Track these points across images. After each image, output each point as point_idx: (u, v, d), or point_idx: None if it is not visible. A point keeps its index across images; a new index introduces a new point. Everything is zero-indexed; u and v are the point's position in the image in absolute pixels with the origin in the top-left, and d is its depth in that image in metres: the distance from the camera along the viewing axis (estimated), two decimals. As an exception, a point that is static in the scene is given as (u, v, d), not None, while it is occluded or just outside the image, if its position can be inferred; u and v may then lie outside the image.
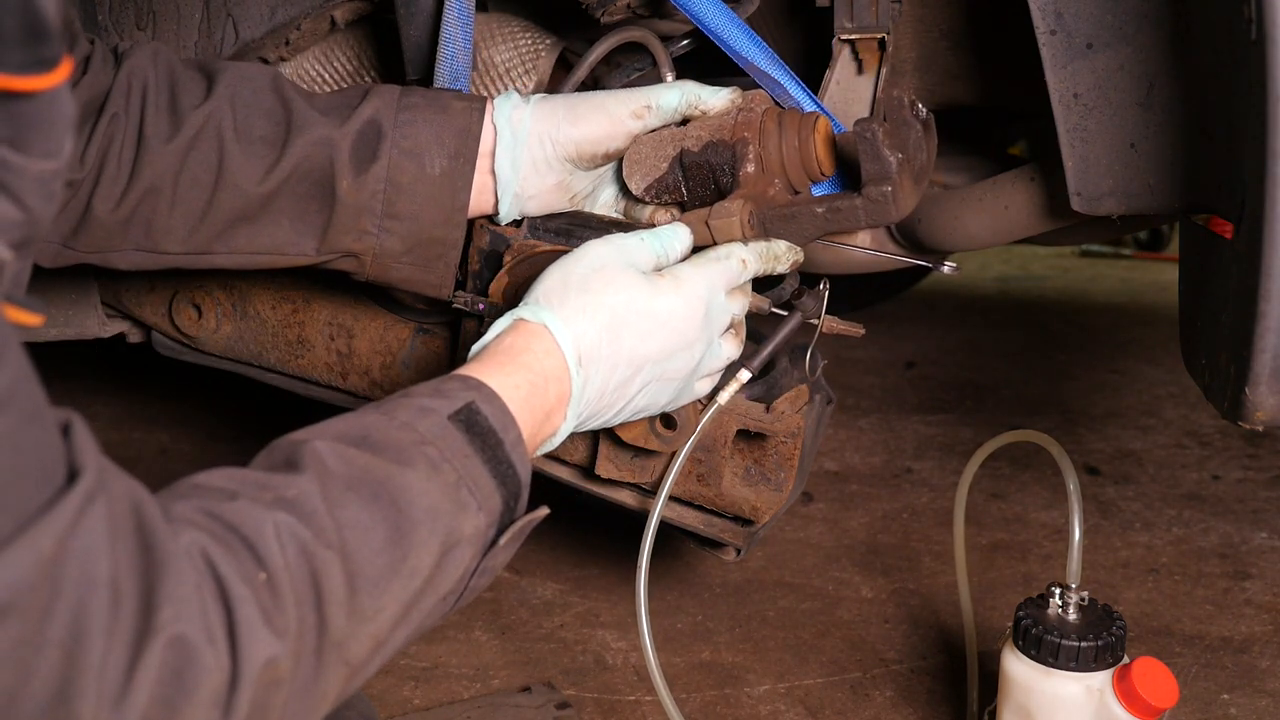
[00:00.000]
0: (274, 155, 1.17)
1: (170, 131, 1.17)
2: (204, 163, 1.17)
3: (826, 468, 2.44)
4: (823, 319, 1.28)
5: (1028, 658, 1.30)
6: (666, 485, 1.26)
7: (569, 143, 1.22)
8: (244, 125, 1.18)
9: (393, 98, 1.21)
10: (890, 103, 1.18)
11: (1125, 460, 2.47)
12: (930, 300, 3.85)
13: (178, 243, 1.21)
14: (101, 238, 1.19)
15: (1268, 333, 1.04)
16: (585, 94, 1.25)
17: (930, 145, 1.23)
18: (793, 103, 1.30)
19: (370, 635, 0.80)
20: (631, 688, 1.66)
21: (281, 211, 1.20)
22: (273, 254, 1.22)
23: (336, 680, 0.79)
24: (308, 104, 1.20)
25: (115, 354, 2.41)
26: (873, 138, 1.14)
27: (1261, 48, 0.98)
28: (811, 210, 1.18)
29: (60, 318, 1.61)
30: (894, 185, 1.15)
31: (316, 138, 1.17)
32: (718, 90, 1.22)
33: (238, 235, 1.21)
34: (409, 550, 0.82)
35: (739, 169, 1.20)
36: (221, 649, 0.69)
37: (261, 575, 0.73)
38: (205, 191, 1.18)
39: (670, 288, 1.07)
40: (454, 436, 0.89)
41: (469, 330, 1.39)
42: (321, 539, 0.77)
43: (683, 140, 1.22)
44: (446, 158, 1.20)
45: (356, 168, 1.18)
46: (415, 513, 0.83)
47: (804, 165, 1.21)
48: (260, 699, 0.71)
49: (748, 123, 1.21)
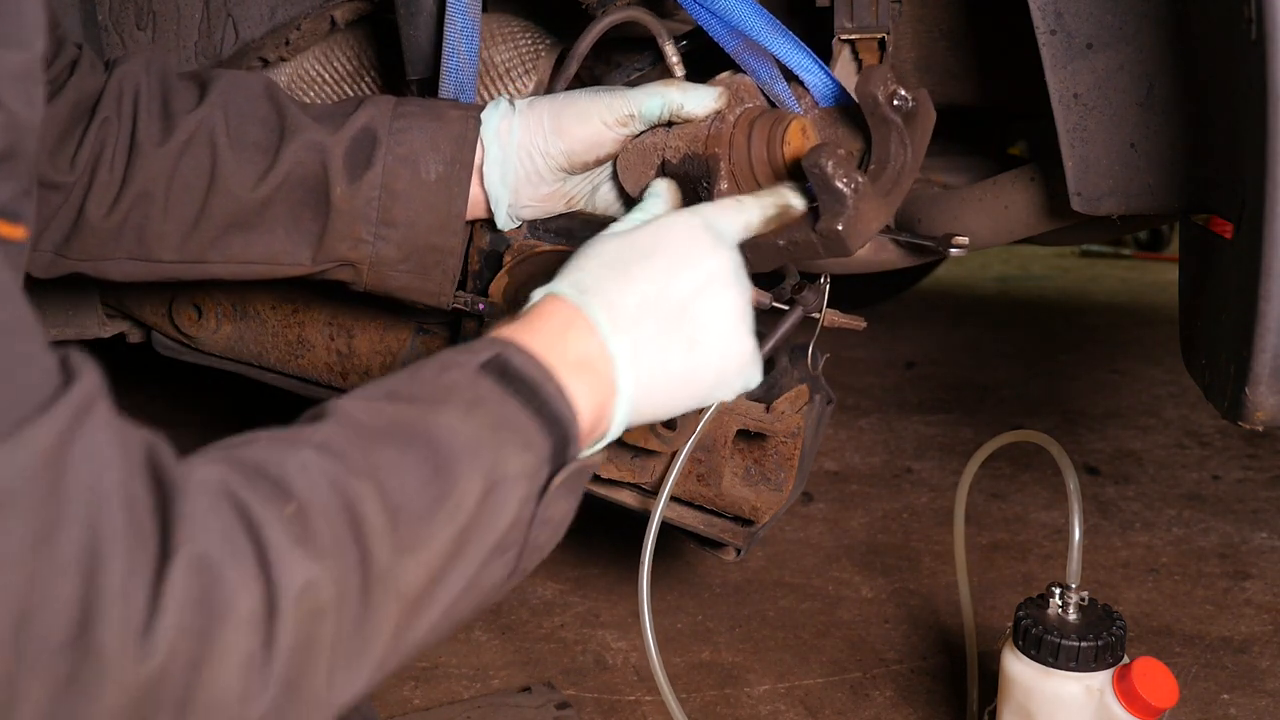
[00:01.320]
0: (267, 161, 1.17)
1: (162, 136, 1.16)
2: (196, 168, 1.16)
3: (826, 468, 2.44)
4: (824, 313, 1.27)
5: (1028, 658, 1.30)
6: (667, 485, 1.26)
7: (559, 154, 1.21)
8: (237, 131, 1.17)
9: (388, 106, 1.20)
10: (866, 101, 1.11)
11: (1125, 460, 2.47)
12: (930, 300, 3.85)
13: (171, 250, 1.20)
14: (94, 245, 1.18)
15: (1268, 333, 1.04)
16: (569, 99, 1.22)
17: (920, 133, 1.15)
18: (781, 89, 1.26)
19: (422, 565, 0.74)
20: (632, 688, 1.66)
21: (276, 219, 1.19)
22: (269, 263, 1.21)
23: (390, 616, 0.73)
24: (301, 111, 1.19)
25: (115, 354, 2.41)
26: (821, 171, 1.06)
27: (1261, 48, 0.98)
28: (773, 243, 1.14)
29: (60, 318, 1.61)
30: (847, 220, 1.08)
31: (309, 143, 1.17)
32: (701, 94, 1.19)
33: (232, 243, 1.20)
34: (451, 484, 0.76)
35: (713, 185, 1.18)
36: (249, 570, 0.63)
37: (290, 505, 0.68)
38: (198, 197, 1.17)
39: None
40: (486, 383, 0.83)
41: (469, 330, 1.39)
42: (354, 471, 0.72)
43: (664, 150, 1.21)
44: (442, 164, 1.19)
45: (350, 174, 1.17)
46: (453, 448, 0.77)
47: (775, 175, 1.18)
48: (305, 629, 0.66)
49: (718, 135, 1.18)
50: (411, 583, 0.74)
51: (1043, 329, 3.63)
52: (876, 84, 1.09)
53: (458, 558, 0.77)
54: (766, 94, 1.26)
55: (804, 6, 1.48)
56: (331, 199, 1.17)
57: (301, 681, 0.66)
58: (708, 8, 1.24)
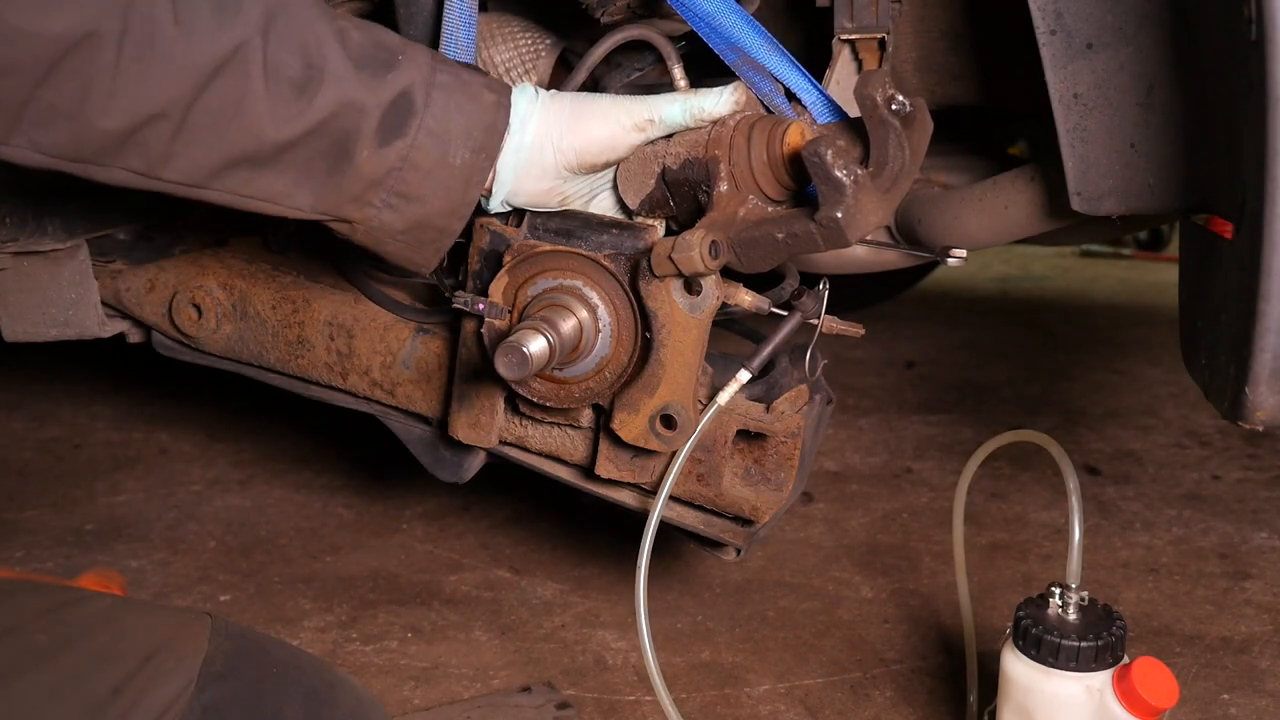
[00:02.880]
0: (299, 105, 1.10)
1: (187, 43, 1.04)
2: (223, 97, 1.07)
3: (826, 468, 2.44)
4: (822, 319, 1.28)
5: (1028, 658, 1.30)
6: (667, 485, 1.26)
7: (570, 150, 1.20)
8: (274, 62, 1.08)
9: (428, 69, 1.15)
10: (864, 103, 1.12)
11: (1125, 460, 2.47)
12: (930, 300, 3.85)
13: (174, 171, 1.11)
14: (89, 151, 1.07)
15: (1268, 333, 1.04)
16: (590, 99, 1.23)
17: (918, 139, 1.17)
18: (780, 102, 1.28)
19: None
20: (631, 688, 1.66)
21: (291, 163, 1.13)
22: (267, 201, 1.16)
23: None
24: (342, 49, 1.12)
25: (115, 354, 2.41)
26: (820, 160, 1.08)
27: (1261, 48, 0.98)
28: (772, 236, 1.15)
29: (60, 318, 1.61)
30: (846, 209, 1.09)
31: (347, 100, 1.11)
32: (720, 95, 1.19)
33: (237, 175, 1.13)
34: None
35: (713, 188, 1.19)
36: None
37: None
38: (218, 127, 1.08)
39: None
40: None
41: (469, 330, 1.39)
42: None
43: (664, 157, 1.21)
44: (470, 151, 1.17)
45: (381, 139, 1.13)
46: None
47: (775, 178, 1.19)
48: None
49: (719, 139, 1.19)
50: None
51: (1043, 329, 3.63)
52: (875, 87, 1.10)
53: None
54: (766, 105, 1.28)
55: (804, 6, 1.48)
56: (356, 159, 1.13)
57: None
58: (709, 23, 1.26)
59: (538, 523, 2.16)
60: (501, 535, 2.13)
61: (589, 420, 1.38)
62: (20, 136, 1.02)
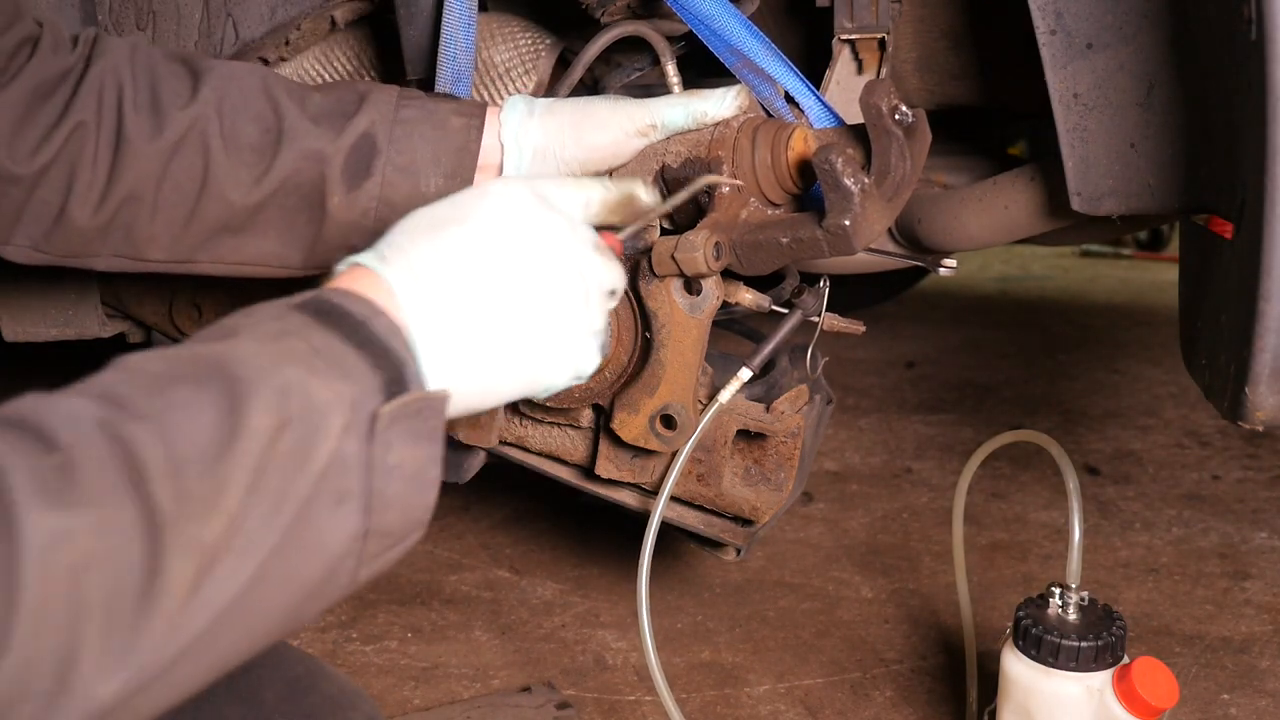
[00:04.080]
0: (262, 165, 1.14)
1: (153, 132, 1.12)
2: (188, 170, 1.13)
3: (826, 468, 2.44)
4: (823, 316, 1.28)
5: (1028, 658, 1.30)
6: (667, 485, 1.26)
7: (573, 162, 1.19)
8: (231, 131, 1.14)
9: (389, 108, 1.17)
10: (869, 112, 1.12)
11: (1125, 460, 2.47)
12: (930, 300, 3.85)
13: (160, 250, 1.17)
14: (79, 243, 1.15)
15: (1268, 333, 1.04)
16: (588, 105, 1.21)
17: (918, 149, 1.18)
18: (780, 105, 1.28)
19: (216, 509, 0.66)
20: (631, 688, 1.66)
21: (269, 224, 1.16)
22: (258, 265, 1.19)
23: (183, 568, 0.65)
24: (300, 110, 1.16)
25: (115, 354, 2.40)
26: (830, 168, 1.09)
27: (1261, 48, 0.98)
28: (776, 240, 1.15)
29: (60, 318, 1.61)
30: (854, 217, 1.10)
31: (308, 150, 1.14)
32: (723, 97, 1.19)
33: (222, 245, 1.17)
34: (244, 416, 0.68)
35: (713, 187, 1.19)
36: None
37: (54, 456, 0.63)
38: (189, 199, 1.14)
39: None
40: (298, 317, 0.76)
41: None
42: (134, 416, 0.66)
43: (663, 155, 1.21)
44: (442, 177, 1.17)
45: (349, 183, 1.15)
46: (250, 379, 0.70)
47: (778, 181, 1.19)
48: (61, 578, 0.60)
49: (722, 140, 1.18)
50: (205, 531, 0.66)
51: (1043, 329, 3.63)
52: (880, 96, 1.11)
53: (257, 494, 0.68)
54: (766, 109, 1.28)
55: (804, 6, 1.48)
56: (328, 207, 1.15)
57: (69, 645, 0.61)
58: (709, 26, 1.26)
59: (538, 522, 2.16)
60: (501, 535, 2.13)
61: (589, 420, 1.38)
62: (21, 236, 1.14)
